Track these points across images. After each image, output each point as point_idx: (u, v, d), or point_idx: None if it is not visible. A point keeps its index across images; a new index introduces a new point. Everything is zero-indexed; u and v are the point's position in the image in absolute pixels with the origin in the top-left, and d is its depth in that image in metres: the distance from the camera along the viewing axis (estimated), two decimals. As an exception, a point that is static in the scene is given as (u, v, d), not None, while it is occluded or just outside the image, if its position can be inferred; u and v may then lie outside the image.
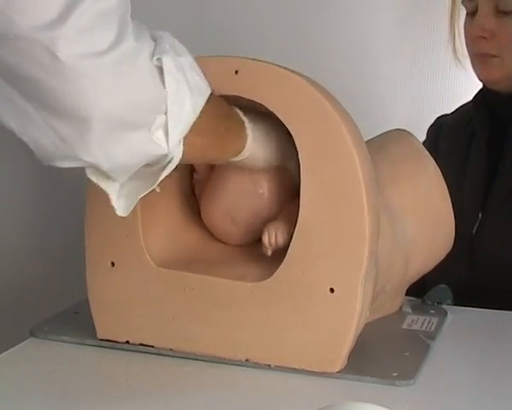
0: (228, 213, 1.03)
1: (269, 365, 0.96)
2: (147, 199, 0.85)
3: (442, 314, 1.12)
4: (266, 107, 0.94)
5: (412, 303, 1.15)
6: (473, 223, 1.34)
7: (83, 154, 0.75)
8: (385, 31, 1.82)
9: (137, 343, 1.02)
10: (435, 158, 1.12)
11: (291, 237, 0.94)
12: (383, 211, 0.98)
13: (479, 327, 1.11)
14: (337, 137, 0.92)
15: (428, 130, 1.50)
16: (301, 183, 0.93)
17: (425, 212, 1.09)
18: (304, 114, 0.93)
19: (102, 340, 1.03)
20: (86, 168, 0.79)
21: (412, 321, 1.10)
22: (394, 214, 1.04)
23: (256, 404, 0.90)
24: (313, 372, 0.94)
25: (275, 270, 0.95)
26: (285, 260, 0.94)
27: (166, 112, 0.78)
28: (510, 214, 1.31)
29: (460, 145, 1.42)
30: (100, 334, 1.04)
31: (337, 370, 0.94)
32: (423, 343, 1.03)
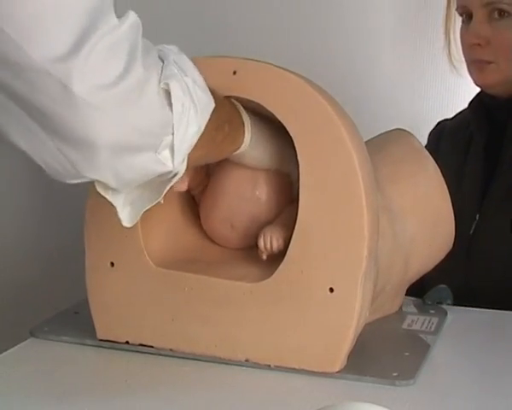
0: (228, 219, 1.03)
1: (269, 365, 0.96)
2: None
3: (442, 314, 1.12)
4: (265, 107, 0.94)
5: (412, 303, 1.15)
6: (470, 224, 1.35)
7: (91, 174, 0.77)
8: (384, 31, 1.82)
9: (137, 344, 1.02)
10: (436, 160, 1.12)
11: (288, 242, 0.94)
12: (383, 211, 0.98)
13: (479, 327, 1.11)
14: (336, 137, 0.92)
15: (429, 134, 1.52)
16: (300, 183, 0.93)
17: (425, 212, 1.09)
18: (303, 115, 0.93)
19: (102, 340, 1.03)
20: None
21: (412, 321, 1.10)
22: (394, 214, 1.04)
23: (256, 404, 0.90)
24: (313, 372, 0.94)
25: (274, 270, 0.95)
26: (284, 260, 0.94)
27: (173, 133, 0.79)
28: (507, 215, 1.32)
29: (458, 148, 1.44)
30: (100, 334, 1.04)
31: (337, 370, 0.94)
32: (423, 343, 1.03)
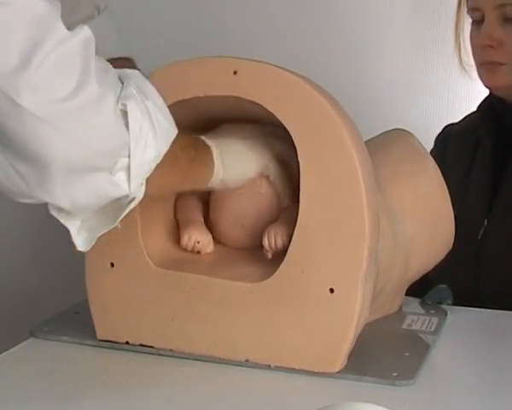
0: (238, 220, 1.03)
1: (268, 365, 0.96)
2: (145, 200, 0.85)
3: (442, 314, 1.12)
4: (265, 108, 0.94)
5: (412, 303, 1.15)
6: (478, 229, 1.35)
7: (43, 195, 0.76)
8: (384, 31, 1.82)
9: (137, 344, 1.02)
10: (443, 165, 1.12)
11: (291, 239, 0.94)
12: (383, 211, 0.98)
13: (479, 327, 1.11)
14: (336, 137, 0.92)
15: (436, 138, 1.51)
16: (301, 183, 0.93)
17: (425, 212, 1.09)
18: (303, 115, 0.93)
19: (102, 340, 1.03)
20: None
21: (412, 321, 1.10)
22: (394, 214, 1.04)
23: (256, 404, 0.90)
24: (313, 372, 0.94)
25: (275, 270, 0.95)
26: (285, 260, 0.94)
27: (129, 155, 0.78)
28: None
29: (466, 152, 1.43)
30: (100, 334, 1.04)
31: (337, 370, 0.94)
32: (423, 343, 1.03)
